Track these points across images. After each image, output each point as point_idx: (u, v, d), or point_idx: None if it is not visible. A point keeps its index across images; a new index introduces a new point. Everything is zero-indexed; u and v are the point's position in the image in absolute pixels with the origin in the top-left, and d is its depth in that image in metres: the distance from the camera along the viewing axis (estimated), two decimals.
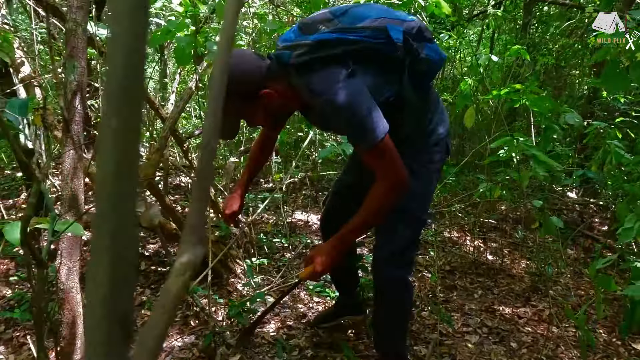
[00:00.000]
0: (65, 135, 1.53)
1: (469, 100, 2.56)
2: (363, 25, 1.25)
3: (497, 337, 2.13)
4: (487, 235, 3.48)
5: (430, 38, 1.35)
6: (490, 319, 2.30)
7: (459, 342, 2.06)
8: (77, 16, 1.49)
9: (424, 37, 1.32)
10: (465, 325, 2.22)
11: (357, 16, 1.27)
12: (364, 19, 1.26)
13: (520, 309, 2.43)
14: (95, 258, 0.28)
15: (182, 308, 2.26)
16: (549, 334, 2.16)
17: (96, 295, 0.27)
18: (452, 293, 2.59)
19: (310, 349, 1.94)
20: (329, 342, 1.99)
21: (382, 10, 1.33)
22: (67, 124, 1.52)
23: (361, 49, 1.23)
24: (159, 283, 2.50)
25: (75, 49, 1.50)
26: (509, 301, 2.53)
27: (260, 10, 4.54)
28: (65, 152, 1.50)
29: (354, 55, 1.23)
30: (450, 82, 5.56)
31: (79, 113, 1.55)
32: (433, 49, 1.35)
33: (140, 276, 2.57)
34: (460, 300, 2.49)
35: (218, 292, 2.40)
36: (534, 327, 2.24)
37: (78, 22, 1.50)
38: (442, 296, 2.53)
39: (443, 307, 2.40)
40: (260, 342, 1.99)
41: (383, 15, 1.29)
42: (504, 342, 2.09)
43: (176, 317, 2.19)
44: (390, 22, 1.27)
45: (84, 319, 1.58)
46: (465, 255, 3.08)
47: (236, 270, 2.55)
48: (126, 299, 0.28)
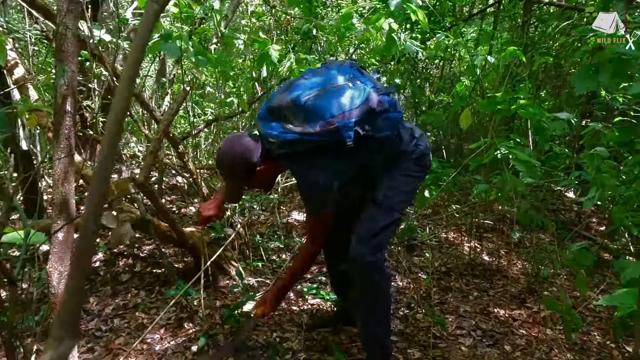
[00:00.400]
0: (55, 139, 1.52)
1: (464, 101, 2.55)
2: (317, 130, 1.49)
3: (491, 339, 2.13)
4: (483, 236, 3.47)
5: (384, 110, 1.56)
6: (485, 321, 2.30)
7: (452, 345, 2.06)
8: (66, 20, 1.49)
9: (376, 113, 1.53)
10: (459, 328, 2.22)
11: (314, 113, 1.50)
12: (318, 120, 1.49)
13: (515, 311, 2.43)
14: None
15: (176, 310, 2.26)
16: (544, 337, 2.16)
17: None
18: (448, 295, 2.58)
19: (303, 352, 1.94)
20: (322, 345, 1.99)
21: (337, 103, 1.49)
22: (58, 128, 1.51)
23: (319, 146, 1.53)
24: (154, 285, 2.50)
25: (65, 52, 1.49)
26: (504, 303, 2.53)
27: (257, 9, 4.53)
28: (55, 157, 1.49)
29: (314, 150, 1.53)
30: (450, 82, 5.54)
31: (69, 117, 1.54)
32: (387, 118, 1.59)
33: (135, 278, 2.57)
34: (455, 302, 2.48)
35: (212, 294, 2.40)
36: (529, 330, 2.24)
37: (68, 25, 1.49)
38: (437, 298, 2.53)
39: (438, 309, 2.39)
40: (253, 344, 1.99)
41: (336, 112, 1.48)
42: (498, 345, 2.09)
43: (170, 319, 2.19)
44: (341, 118, 1.48)
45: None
46: (462, 256, 3.08)
47: (231, 272, 2.55)
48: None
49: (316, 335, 2.05)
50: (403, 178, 1.73)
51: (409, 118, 5.63)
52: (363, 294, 1.71)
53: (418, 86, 4.98)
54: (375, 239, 1.66)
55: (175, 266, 2.66)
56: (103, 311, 2.26)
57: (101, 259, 2.73)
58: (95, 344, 1.99)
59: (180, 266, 2.65)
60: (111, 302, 2.34)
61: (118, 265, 2.68)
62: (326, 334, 2.06)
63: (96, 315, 2.23)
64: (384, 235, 1.68)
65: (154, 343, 2.01)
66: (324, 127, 1.48)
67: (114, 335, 2.06)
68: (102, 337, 2.05)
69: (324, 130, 1.49)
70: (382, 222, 1.67)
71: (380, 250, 1.68)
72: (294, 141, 1.52)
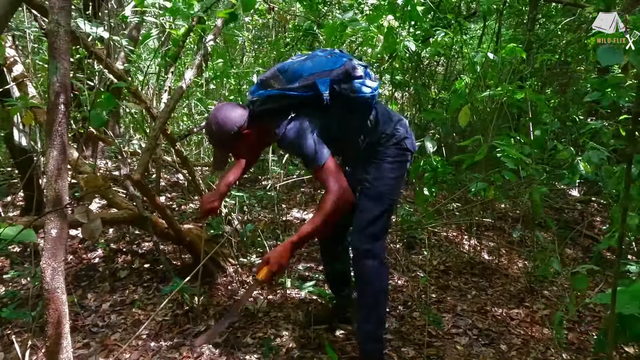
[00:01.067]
0: (48, 136, 1.52)
1: (463, 99, 2.53)
2: (296, 85, 1.61)
3: (487, 339, 2.12)
4: (484, 234, 3.45)
5: (359, 75, 1.66)
6: (482, 320, 2.28)
7: (448, 344, 2.05)
8: (58, 17, 1.49)
9: (352, 76, 1.64)
10: (455, 327, 2.21)
11: (295, 73, 1.63)
12: (298, 77, 1.62)
13: (513, 310, 2.41)
14: None
15: (172, 307, 2.27)
16: (540, 336, 2.14)
17: None
18: (445, 293, 2.57)
19: (297, 350, 1.94)
20: (316, 343, 1.99)
21: (316, 64, 1.65)
22: (51, 125, 1.52)
23: (298, 101, 1.62)
24: (152, 281, 2.51)
25: (57, 50, 1.49)
26: (502, 302, 2.51)
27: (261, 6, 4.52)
28: (48, 153, 1.50)
29: (295, 106, 1.63)
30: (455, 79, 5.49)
31: (62, 114, 1.55)
32: (362, 84, 1.67)
33: (133, 274, 2.59)
34: (453, 301, 2.47)
35: (209, 291, 2.41)
36: (526, 329, 2.22)
37: (60, 23, 1.49)
38: (434, 297, 2.52)
39: (435, 307, 2.38)
40: (247, 342, 1.99)
41: (315, 70, 1.62)
42: (494, 344, 2.07)
43: (166, 316, 2.20)
44: (318, 76, 1.61)
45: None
46: (461, 254, 3.06)
47: (228, 269, 2.56)
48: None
49: (311, 332, 2.05)
50: (387, 165, 1.77)
51: (412, 116, 5.61)
52: (359, 282, 1.77)
53: (422, 84, 4.95)
54: (369, 229, 1.71)
55: (174, 263, 2.67)
56: (100, 307, 2.28)
57: (100, 255, 2.75)
58: (91, 339, 2.01)
59: (178, 263, 2.66)
60: (109, 298, 2.35)
61: (117, 261, 2.70)
62: (321, 332, 2.06)
63: (93, 311, 2.25)
64: (377, 224, 1.73)
65: (149, 339, 2.02)
66: (302, 83, 1.60)
67: (110, 331, 2.07)
68: (98, 332, 2.06)
69: (302, 85, 1.60)
70: (373, 212, 1.71)
71: (377, 240, 1.73)
72: (275, 96, 1.63)
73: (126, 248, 2.84)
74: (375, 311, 1.75)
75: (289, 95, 1.62)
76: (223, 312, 2.20)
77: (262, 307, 2.27)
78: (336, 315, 2.15)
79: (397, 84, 3.99)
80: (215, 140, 1.71)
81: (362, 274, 1.74)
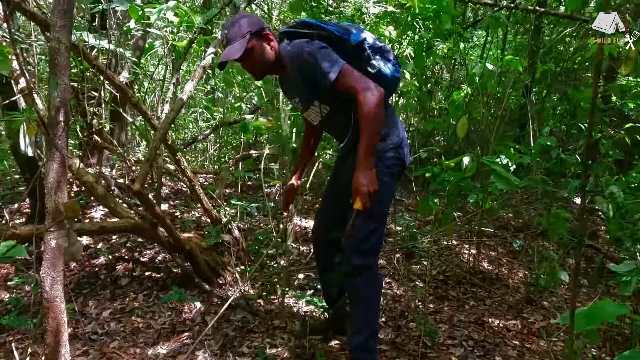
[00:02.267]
0: (48, 149, 1.57)
1: (461, 110, 2.55)
2: (336, 23, 1.75)
3: (482, 350, 2.12)
4: (485, 243, 3.44)
5: (388, 58, 1.76)
6: (478, 331, 2.29)
7: (442, 355, 2.05)
8: (60, 35, 1.54)
9: (382, 53, 1.75)
10: (451, 338, 2.21)
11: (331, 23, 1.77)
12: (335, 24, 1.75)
13: (511, 322, 2.41)
14: None
15: (171, 315, 2.30)
16: (536, 348, 2.14)
17: None
18: (443, 303, 2.58)
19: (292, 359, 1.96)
20: (311, 353, 2.00)
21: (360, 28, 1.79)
22: (51, 138, 1.56)
23: (327, 36, 1.70)
24: (152, 289, 2.55)
25: (58, 66, 1.54)
26: (500, 313, 2.51)
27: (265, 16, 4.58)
28: (48, 166, 1.54)
29: (323, 38, 1.69)
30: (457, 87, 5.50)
31: (62, 128, 1.60)
32: (387, 66, 1.76)
33: (134, 282, 2.63)
34: (451, 312, 2.47)
35: (208, 300, 2.44)
36: (522, 341, 2.22)
37: (61, 40, 1.54)
38: (432, 307, 2.52)
39: (432, 318, 2.39)
40: (243, 351, 2.02)
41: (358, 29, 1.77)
42: (489, 356, 2.08)
43: (164, 324, 2.24)
44: (358, 30, 1.75)
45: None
46: (461, 264, 3.06)
47: (227, 277, 2.59)
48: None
49: (306, 342, 2.06)
50: (384, 179, 1.70)
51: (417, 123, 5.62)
52: (352, 295, 1.80)
53: (428, 91, 4.96)
54: (362, 245, 1.72)
55: (174, 271, 2.71)
56: (100, 315, 2.31)
57: (102, 262, 2.79)
58: (90, 347, 2.05)
59: (178, 271, 2.69)
60: (109, 306, 2.39)
61: (118, 269, 2.74)
62: (316, 342, 2.07)
63: (94, 318, 2.28)
64: (371, 240, 1.73)
65: (147, 347, 2.05)
66: (338, 26, 1.74)
67: (109, 339, 2.11)
68: (97, 340, 2.10)
69: (341, 25, 1.75)
70: (365, 229, 1.70)
71: (371, 255, 1.75)
72: (310, 23, 1.73)
73: (128, 255, 2.88)
74: (367, 323, 1.76)
75: (322, 27, 1.71)
76: (222, 322, 2.22)
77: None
78: (332, 326, 2.16)
79: (401, 92, 4.00)
80: (228, 34, 1.64)
81: (355, 287, 1.75)
